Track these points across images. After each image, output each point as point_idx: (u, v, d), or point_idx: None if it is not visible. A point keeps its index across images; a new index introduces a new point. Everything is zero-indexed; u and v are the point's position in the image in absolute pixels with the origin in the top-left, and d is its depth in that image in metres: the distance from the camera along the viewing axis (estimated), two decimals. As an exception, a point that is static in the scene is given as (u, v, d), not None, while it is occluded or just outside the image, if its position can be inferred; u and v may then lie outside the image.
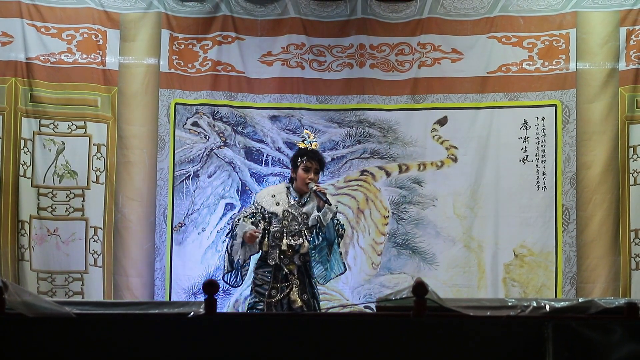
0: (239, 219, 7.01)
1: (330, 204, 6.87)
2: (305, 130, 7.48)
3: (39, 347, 3.65)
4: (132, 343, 3.68)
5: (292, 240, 6.86)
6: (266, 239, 6.90)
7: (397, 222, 8.40)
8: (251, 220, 6.96)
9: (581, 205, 8.21)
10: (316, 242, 6.89)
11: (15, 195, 8.16)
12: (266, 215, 6.96)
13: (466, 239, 8.36)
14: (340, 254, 7.08)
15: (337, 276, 7.20)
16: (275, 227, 6.91)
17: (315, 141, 7.25)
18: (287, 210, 6.94)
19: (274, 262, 6.87)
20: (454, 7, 8.47)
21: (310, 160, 6.97)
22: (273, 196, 7.04)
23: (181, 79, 8.45)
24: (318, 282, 7.10)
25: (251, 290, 7.06)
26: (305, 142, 7.16)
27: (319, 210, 6.90)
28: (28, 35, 8.22)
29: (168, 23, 8.43)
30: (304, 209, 6.99)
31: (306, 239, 6.88)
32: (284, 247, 6.81)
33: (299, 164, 7.03)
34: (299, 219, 6.96)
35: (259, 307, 6.87)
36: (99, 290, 8.20)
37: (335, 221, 6.91)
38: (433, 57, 8.49)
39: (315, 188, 6.87)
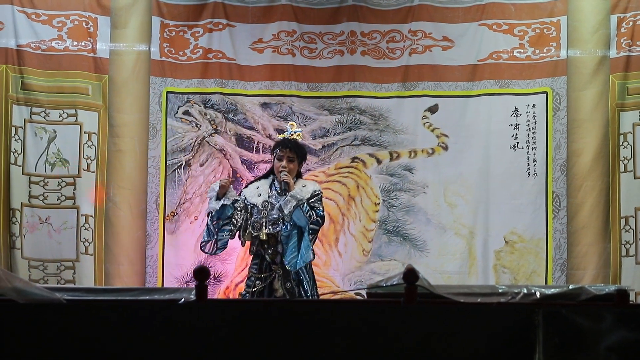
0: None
1: (291, 192, 6.77)
2: (290, 122, 7.41)
3: (30, 333, 3.66)
4: (122, 329, 3.68)
5: (271, 229, 6.82)
6: (248, 230, 6.88)
7: (388, 209, 8.41)
8: (232, 204, 6.86)
9: (572, 192, 8.22)
10: (288, 229, 6.79)
11: (7, 183, 8.15)
12: (248, 206, 6.93)
13: (457, 226, 8.36)
14: (310, 241, 6.80)
15: (304, 264, 6.99)
16: (255, 217, 6.86)
17: (299, 131, 7.15)
18: (267, 201, 6.86)
19: (255, 253, 6.86)
20: (445, -6, 8.48)
21: (282, 149, 6.89)
22: (257, 188, 6.99)
23: (172, 66, 8.43)
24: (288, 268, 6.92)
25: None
26: (285, 133, 7.10)
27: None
28: (18, 21, 8.20)
29: (159, 10, 8.40)
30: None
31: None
32: (262, 237, 6.77)
33: (274, 155, 6.97)
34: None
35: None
36: (90, 278, 8.19)
37: (306, 208, 6.78)
38: (424, 44, 8.48)
39: (282, 178, 6.84)
